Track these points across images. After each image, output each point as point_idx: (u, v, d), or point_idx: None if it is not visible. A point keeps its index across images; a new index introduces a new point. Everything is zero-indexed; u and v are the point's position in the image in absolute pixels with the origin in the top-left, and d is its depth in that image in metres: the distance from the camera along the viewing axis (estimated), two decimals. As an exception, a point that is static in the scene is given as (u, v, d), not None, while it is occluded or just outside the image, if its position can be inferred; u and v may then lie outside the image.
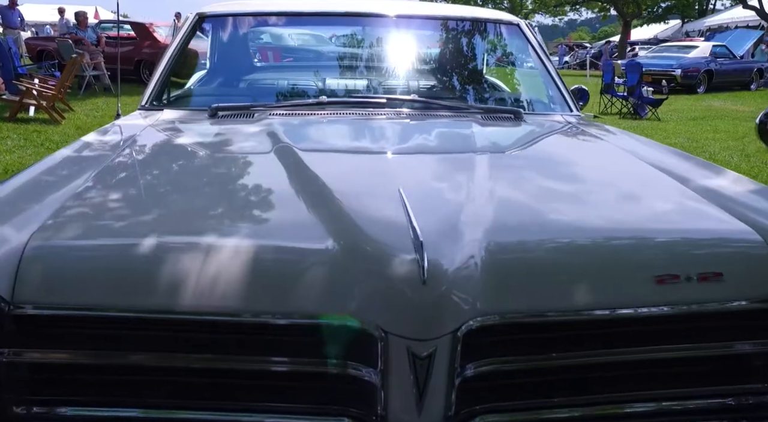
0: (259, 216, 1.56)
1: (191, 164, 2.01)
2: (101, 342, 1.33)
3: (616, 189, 1.81)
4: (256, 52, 3.66)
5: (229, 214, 1.56)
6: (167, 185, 1.79)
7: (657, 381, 1.41)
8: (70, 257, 1.37)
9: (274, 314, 1.30)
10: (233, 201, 1.65)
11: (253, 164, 1.98)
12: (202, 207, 1.61)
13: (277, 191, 1.68)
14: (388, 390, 1.27)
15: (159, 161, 2.02)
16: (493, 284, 1.30)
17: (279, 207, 1.59)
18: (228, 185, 1.79)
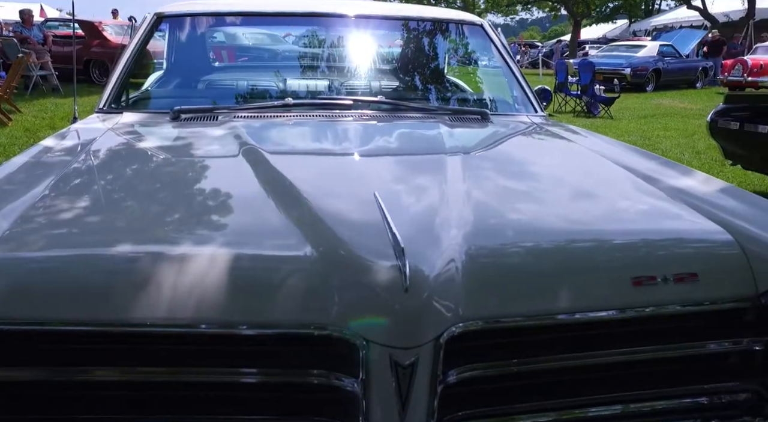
0: (231, 224, 1.51)
1: (156, 169, 1.95)
2: (64, 357, 1.27)
3: (590, 192, 1.82)
4: (217, 53, 3.59)
5: (199, 222, 1.51)
6: (132, 192, 1.72)
7: (635, 381, 1.42)
8: (30, 269, 1.30)
9: (251, 325, 1.26)
10: (203, 208, 1.61)
11: (221, 169, 1.93)
12: (170, 215, 1.55)
13: (249, 198, 1.64)
14: (369, 400, 1.25)
15: (122, 167, 1.95)
16: (475, 290, 1.29)
17: (252, 214, 1.55)
18: (196, 191, 1.74)
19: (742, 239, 1.47)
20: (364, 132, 2.34)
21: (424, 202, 1.56)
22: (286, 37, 4.47)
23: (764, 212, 1.64)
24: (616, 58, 19.70)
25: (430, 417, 1.26)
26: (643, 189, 1.79)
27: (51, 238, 1.41)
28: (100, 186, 1.73)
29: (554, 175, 1.96)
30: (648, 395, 1.42)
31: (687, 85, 20.03)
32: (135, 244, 1.37)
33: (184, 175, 1.89)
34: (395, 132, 2.35)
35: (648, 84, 18.99)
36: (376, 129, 2.39)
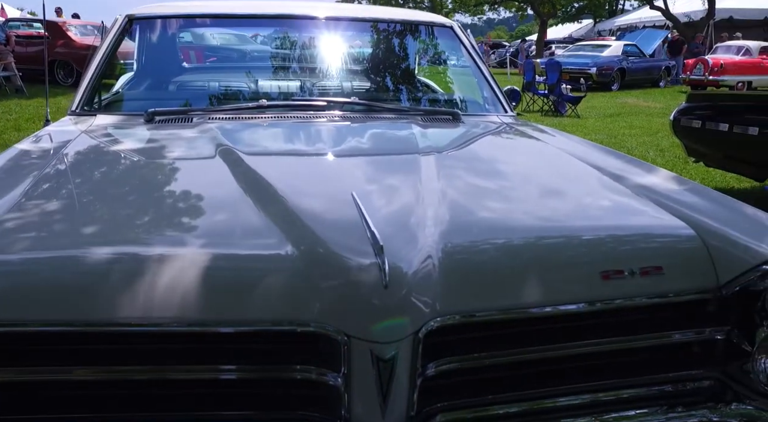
0: (210, 224, 1.54)
1: (133, 171, 1.96)
2: (44, 357, 1.29)
3: (559, 189, 1.88)
4: (190, 55, 3.59)
5: (178, 222, 1.54)
6: (109, 194, 1.74)
7: (603, 371, 1.49)
8: (17, 270, 1.32)
9: (232, 323, 1.29)
10: (181, 209, 1.63)
11: (198, 171, 1.95)
12: (149, 216, 1.58)
13: (227, 198, 1.66)
14: (351, 394, 1.29)
15: (99, 170, 1.96)
16: (451, 286, 1.34)
17: (230, 214, 1.58)
18: (174, 192, 1.76)
19: (704, 233, 1.55)
20: (339, 133, 2.38)
21: (400, 201, 1.60)
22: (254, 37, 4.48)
23: (724, 208, 1.72)
24: (582, 57, 20.00)
25: (410, 409, 1.31)
26: (610, 187, 1.86)
27: (29, 241, 1.42)
28: (77, 189, 1.74)
29: (524, 173, 2.02)
30: (616, 384, 1.48)
31: (651, 84, 20.42)
32: (113, 245, 1.39)
33: (162, 177, 1.90)
34: (369, 132, 2.39)
35: (613, 83, 19.31)
36: (350, 130, 2.43)
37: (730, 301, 1.49)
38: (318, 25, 3.01)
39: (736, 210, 1.72)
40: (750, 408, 1.47)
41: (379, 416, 1.29)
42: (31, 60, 14.30)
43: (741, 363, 1.50)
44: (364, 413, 1.29)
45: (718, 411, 1.47)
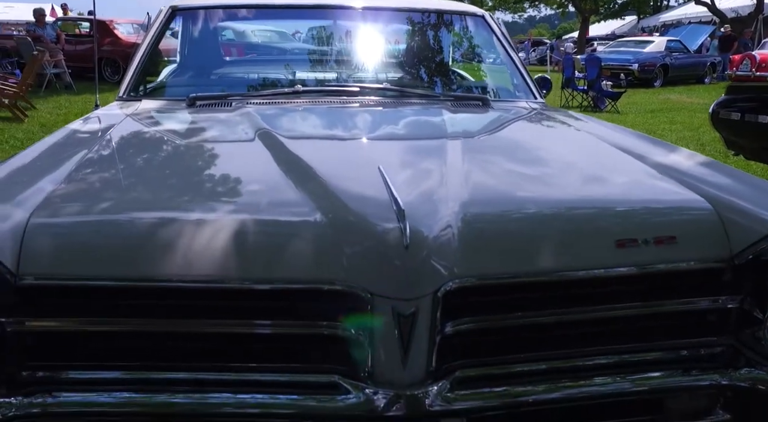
0: (248, 193, 1.65)
1: (176, 148, 2.09)
2: (99, 310, 1.41)
3: (579, 166, 1.94)
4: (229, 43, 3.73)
5: (220, 192, 1.65)
6: (155, 166, 1.87)
7: (619, 336, 1.55)
8: (69, 231, 1.45)
9: (268, 282, 1.39)
10: (220, 181, 1.74)
11: (237, 148, 2.07)
12: (193, 187, 1.69)
13: (264, 172, 1.76)
14: (374, 348, 1.37)
15: (144, 146, 2.09)
16: (469, 250, 1.42)
17: (267, 186, 1.68)
18: (215, 166, 1.88)
19: (719, 205, 1.59)
20: (370, 116, 2.47)
21: (424, 175, 1.68)
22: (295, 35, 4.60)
23: (740, 182, 1.76)
24: (624, 53, 19.75)
25: (430, 364, 1.39)
26: (629, 163, 1.91)
27: (86, 204, 1.55)
28: (124, 162, 1.87)
29: (546, 152, 2.09)
30: (631, 348, 1.54)
31: (695, 80, 20.04)
32: (156, 211, 1.52)
33: (202, 153, 2.02)
34: (399, 116, 2.48)
35: (656, 79, 19.03)
36: (381, 114, 2.52)
37: (743, 270, 1.53)
38: (353, 14, 3.11)
39: (751, 184, 1.76)
40: (761, 372, 1.52)
41: (400, 370, 1.38)
42: (80, 58, 14.77)
43: (753, 330, 1.54)
44: (386, 367, 1.38)
45: (728, 375, 1.51)
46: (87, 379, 1.42)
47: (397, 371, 1.38)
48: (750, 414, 1.58)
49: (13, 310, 1.37)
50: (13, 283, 1.35)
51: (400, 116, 2.48)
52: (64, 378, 1.41)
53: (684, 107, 12.96)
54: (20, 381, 1.39)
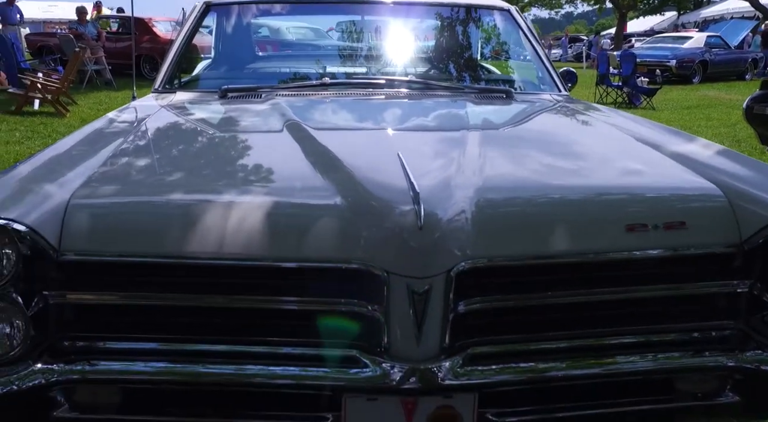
0: (275, 179, 1.74)
1: (208, 136, 2.19)
2: (135, 284, 1.51)
3: (593, 154, 1.99)
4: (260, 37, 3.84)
5: (250, 176, 1.75)
6: (188, 153, 1.97)
7: (628, 318, 1.60)
8: (106, 211, 1.55)
9: (291, 260, 1.48)
10: (249, 167, 1.83)
11: (266, 137, 2.16)
12: (225, 171, 1.79)
13: (290, 160, 1.85)
14: (390, 324, 1.45)
15: (178, 134, 2.20)
16: (482, 233, 1.48)
17: (292, 172, 1.76)
18: (245, 154, 1.97)
19: (730, 192, 1.63)
20: (394, 108, 2.54)
21: (441, 162, 1.75)
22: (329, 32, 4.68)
23: (753, 170, 1.78)
24: (661, 49, 19.45)
25: (443, 341, 1.46)
26: (644, 151, 1.95)
27: (123, 186, 1.66)
28: (159, 149, 1.98)
29: (564, 141, 2.13)
30: (640, 330, 1.59)
31: (736, 77, 19.63)
32: (191, 194, 1.61)
33: (234, 141, 2.12)
34: (422, 108, 2.55)
35: (694, 76, 18.70)
36: (405, 105, 2.59)
37: (752, 255, 1.57)
38: (380, 9, 3.19)
39: (764, 171, 1.78)
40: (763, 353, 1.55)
41: (414, 345, 1.45)
42: (119, 55, 15.12)
43: (762, 314, 1.58)
44: (402, 343, 1.45)
45: (735, 357, 1.55)
46: (123, 349, 1.52)
47: (411, 346, 1.45)
48: (758, 397, 1.62)
49: (55, 284, 1.48)
50: (56, 258, 1.46)
51: (423, 108, 2.54)
52: (101, 348, 1.52)
53: (721, 103, 12.74)
54: (61, 350, 1.50)
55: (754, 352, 1.56)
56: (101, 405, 1.53)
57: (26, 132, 7.69)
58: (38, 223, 1.44)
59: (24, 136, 7.46)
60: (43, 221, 1.45)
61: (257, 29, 4.13)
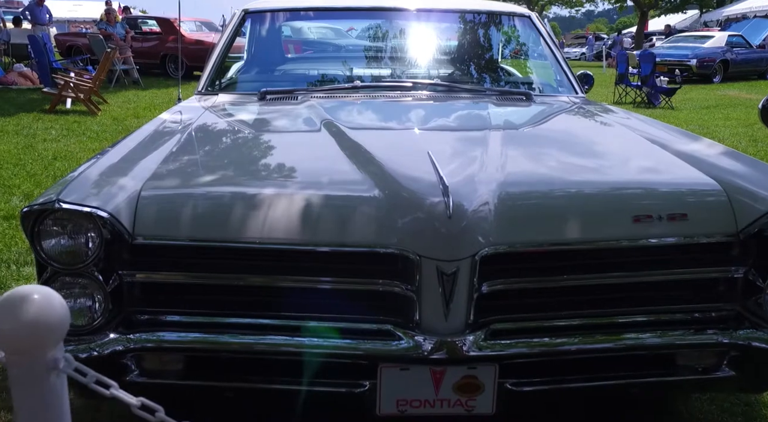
0: (318, 173, 1.94)
1: (253, 135, 2.41)
2: (196, 264, 1.72)
3: (604, 152, 2.18)
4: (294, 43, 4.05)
5: (293, 170, 1.96)
6: (237, 149, 2.19)
7: (635, 299, 1.78)
8: (171, 201, 1.77)
9: (336, 245, 1.68)
10: (292, 163, 2.04)
11: (305, 136, 2.37)
12: (269, 165, 2.00)
13: (329, 156, 2.05)
14: (421, 302, 1.65)
15: (226, 132, 2.41)
16: (503, 222, 1.68)
17: (333, 168, 1.97)
18: (288, 151, 2.19)
19: (728, 187, 1.81)
20: (421, 109, 2.74)
21: (467, 159, 1.94)
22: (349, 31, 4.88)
23: (751, 168, 1.97)
24: (682, 49, 19.36)
25: (468, 317, 1.66)
26: (652, 150, 2.14)
27: (186, 179, 1.88)
28: (211, 146, 2.20)
29: (579, 140, 2.32)
30: (646, 310, 1.78)
31: (758, 76, 19.52)
32: (240, 187, 1.83)
33: (277, 140, 2.34)
34: (448, 109, 2.75)
35: (715, 75, 18.62)
36: (431, 106, 2.79)
37: (747, 244, 1.75)
38: (407, 15, 3.39)
39: (761, 169, 1.96)
40: (759, 333, 1.73)
41: (442, 321, 1.65)
42: (145, 55, 15.44)
43: (756, 297, 1.76)
44: (432, 319, 1.66)
45: (729, 334, 1.73)
46: (184, 322, 1.74)
47: (440, 321, 1.65)
48: (751, 372, 1.80)
49: (128, 264, 1.70)
50: (130, 242, 1.67)
51: (449, 109, 2.74)
52: (166, 321, 1.74)
53: (741, 103, 12.75)
54: (133, 322, 1.72)
55: (747, 331, 1.74)
56: (166, 372, 1.75)
57: (61, 130, 7.98)
58: (116, 211, 1.65)
59: (60, 134, 7.74)
60: (120, 209, 1.67)
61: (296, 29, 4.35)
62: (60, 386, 0.92)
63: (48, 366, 0.89)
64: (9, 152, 6.57)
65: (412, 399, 1.71)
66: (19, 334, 0.88)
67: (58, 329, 0.91)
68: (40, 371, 0.89)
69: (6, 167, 5.97)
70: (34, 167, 5.97)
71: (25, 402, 0.90)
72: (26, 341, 0.88)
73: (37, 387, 0.90)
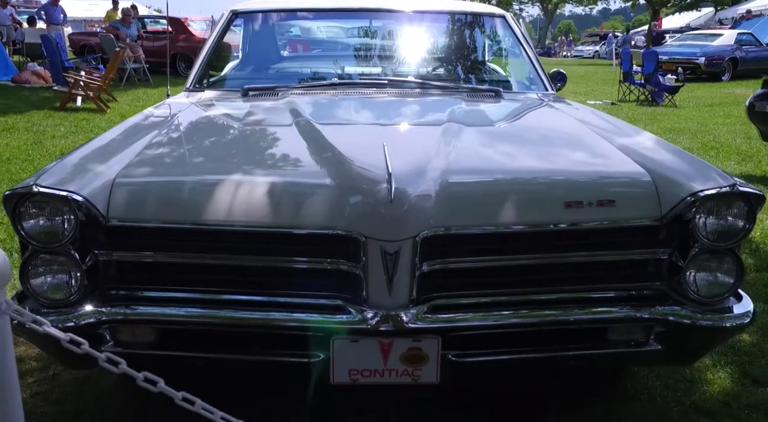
0: (281, 163, 2.12)
1: (230, 127, 2.59)
2: (165, 246, 1.90)
3: (551, 143, 2.33)
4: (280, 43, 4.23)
5: (260, 161, 2.14)
6: (212, 141, 2.37)
7: (568, 279, 1.93)
8: (144, 188, 1.94)
9: (290, 227, 1.85)
10: (262, 152, 2.22)
11: (277, 130, 2.54)
12: (238, 155, 2.17)
13: (294, 148, 2.22)
14: (368, 280, 1.81)
15: (205, 125, 2.60)
16: (443, 207, 1.83)
17: (294, 157, 2.14)
18: (258, 142, 2.36)
19: (655, 175, 1.96)
20: (391, 105, 2.91)
21: (419, 151, 2.09)
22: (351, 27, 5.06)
23: (680, 158, 2.12)
24: (690, 47, 19.37)
25: (411, 294, 1.82)
26: (593, 142, 2.29)
27: (157, 167, 2.06)
28: (187, 139, 2.37)
29: (530, 133, 2.48)
30: (576, 289, 1.93)
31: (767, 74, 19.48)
32: (212, 174, 2.00)
33: (250, 133, 2.51)
34: (415, 105, 2.91)
35: (724, 73, 18.62)
36: (399, 103, 2.95)
37: (670, 227, 1.90)
38: (386, 17, 3.56)
39: (688, 160, 2.11)
40: (677, 308, 1.88)
41: (387, 296, 1.81)
42: (156, 53, 15.70)
43: (678, 277, 1.91)
44: (377, 295, 1.82)
45: (650, 310, 1.89)
46: (155, 297, 1.91)
47: (385, 297, 1.82)
48: (675, 345, 1.95)
49: (103, 244, 1.88)
50: (104, 224, 1.85)
51: (416, 105, 2.90)
52: (138, 296, 1.92)
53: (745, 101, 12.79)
54: (107, 297, 1.90)
55: (667, 307, 1.89)
56: (139, 343, 1.93)
57: (70, 127, 8.23)
58: (91, 195, 1.83)
59: (68, 131, 7.98)
60: (95, 194, 1.84)
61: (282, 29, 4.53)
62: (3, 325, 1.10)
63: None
64: (18, 148, 6.82)
65: (363, 368, 1.87)
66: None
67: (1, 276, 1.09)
68: (-15, 312, 1.07)
69: (15, 162, 6.21)
70: (42, 163, 6.19)
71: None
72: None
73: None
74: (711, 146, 7.80)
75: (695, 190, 1.88)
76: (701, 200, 1.87)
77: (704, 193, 1.87)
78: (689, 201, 1.86)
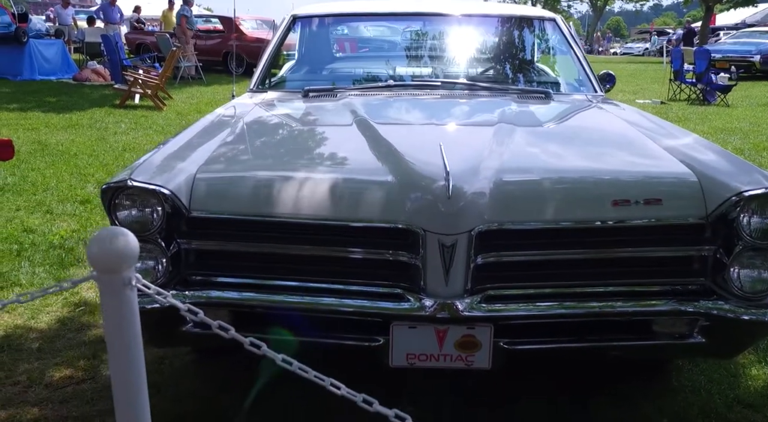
0: (345, 161, 2.28)
1: (294, 127, 2.76)
2: (244, 235, 2.07)
3: (598, 144, 2.45)
4: (335, 45, 4.42)
5: (323, 158, 2.30)
6: (279, 140, 2.55)
7: (615, 273, 2.04)
8: (222, 181, 2.12)
9: (354, 220, 2.00)
10: (326, 150, 2.39)
11: (339, 130, 2.70)
12: (304, 153, 2.34)
13: (356, 147, 2.37)
14: (426, 270, 1.96)
15: (272, 125, 2.78)
16: (497, 203, 1.96)
17: (357, 156, 2.29)
18: (322, 142, 2.53)
19: (700, 175, 2.06)
20: (444, 106, 3.05)
21: (474, 150, 2.23)
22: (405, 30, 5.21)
23: (724, 159, 2.20)
24: (746, 44, 18.92)
25: (466, 284, 1.96)
26: (641, 142, 2.39)
27: (234, 163, 2.25)
28: (257, 137, 2.56)
29: (580, 135, 2.59)
30: (622, 282, 2.04)
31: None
32: (281, 170, 2.16)
33: (313, 132, 2.68)
34: (468, 106, 3.04)
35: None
36: (453, 104, 3.09)
37: (715, 226, 1.99)
38: (440, 21, 3.70)
39: (733, 161, 2.20)
40: (721, 303, 1.98)
41: (444, 286, 1.95)
42: (208, 52, 16.12)
43: (722, 273, 2.00)
44: (435, 285, 1.96)
45: (693, 304, 1.98)
46: (231, 283, 2.09)
47: (441, 287, 1.96)
48: (719, 339, 2.04)
49: (185, 234, 2.06)
50: (186, 215, 2.03)
51: (469, 106, 3.04)
52: (216, 282, 2.09)
53: (802, 100, 12.50)
54: (188, 282, 2.09)
55: (711, 301, 1.99)
56: None
57: (130, 124, 8.58)
58: (176, 189, 2.02)
59: (129, 127, 8.33)
60: (180, 187, 2.03)
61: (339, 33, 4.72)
62: (132, 297, 1.28)
63: (124, 282, 1.25)
64: (84, 144, 7.17)
65: (419, 353, 2.01)
66: (109, 257, 1.25)
67: (131, 256, 1.27)
68: (119, 285, 1.25)
69: (82, 157, 6.54)
70: (106, 158, 6.51)
71: (108, 307, 1.27)
72: (112, 262, 1.25)
73: (116, 297, 1.25)
74: (763, 146, 7.71)
75: (740, 190, 1.97)
76: (745, 200, 1.96)
77: (748, 193, 1.96)
78: (734, 201, 1.95)
